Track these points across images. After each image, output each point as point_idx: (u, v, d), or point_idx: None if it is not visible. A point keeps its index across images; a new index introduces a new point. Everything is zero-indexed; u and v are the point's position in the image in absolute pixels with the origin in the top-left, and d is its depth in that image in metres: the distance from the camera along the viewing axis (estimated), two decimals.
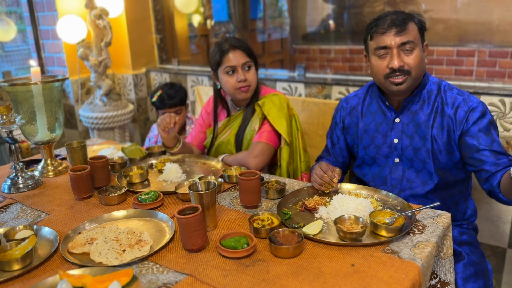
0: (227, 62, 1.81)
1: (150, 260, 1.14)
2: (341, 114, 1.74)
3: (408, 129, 1.56)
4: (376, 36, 1.49)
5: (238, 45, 1.81)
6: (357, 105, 1.70)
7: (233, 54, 1.80)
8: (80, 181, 1.53)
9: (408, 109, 1.57)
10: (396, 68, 1.45)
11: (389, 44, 1.45)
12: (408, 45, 1.45)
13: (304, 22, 4.93)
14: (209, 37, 4.39)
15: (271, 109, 1.82)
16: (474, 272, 1.42)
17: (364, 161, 1.68)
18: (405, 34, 1.44)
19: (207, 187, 1.33)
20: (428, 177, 1.55)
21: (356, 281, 1.00)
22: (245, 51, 1.82)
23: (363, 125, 1.66)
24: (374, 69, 1.53)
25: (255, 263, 1.09)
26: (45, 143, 1.82)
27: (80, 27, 2.83)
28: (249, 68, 1.84)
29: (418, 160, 1.55)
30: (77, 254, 1.18)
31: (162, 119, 1.78)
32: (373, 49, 1.51)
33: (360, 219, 1.21)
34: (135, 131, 3.53)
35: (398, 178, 1.60)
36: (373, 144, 1.63)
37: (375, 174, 1.66)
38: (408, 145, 1.56)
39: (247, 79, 1.82)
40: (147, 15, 3.43)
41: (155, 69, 3.46)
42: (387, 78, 1.49)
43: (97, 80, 2.95)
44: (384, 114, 1.62)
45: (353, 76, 2.49)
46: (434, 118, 1.53)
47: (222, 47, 1.82)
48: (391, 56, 1.46)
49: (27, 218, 1.43)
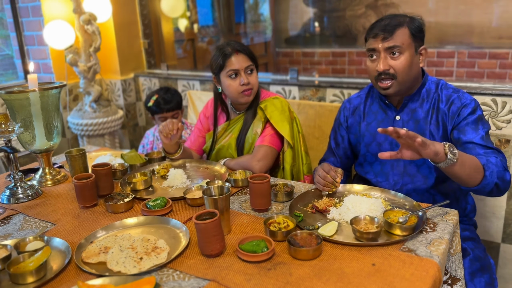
0: (230, 66, 1.81)
1: (169, 267, 1.13)
2: (345, 114, 1.78)
3: (408, 126, 1.62)
4: (368, 39, 1.57)
5: (240, 48, 1.82)
6: (359, 105, 1.75)
7: (236, 58, 1.81)
8: (85, 190, 1.50)
9: (408, 107, 1.62)
10: (381, 71, 1.52)
11: (377, 47, 1.53)
12: (394, 49, 1.51)
13: (286, 26, 4.97)
14: (195, 41, 4.38)
15: (273, 112, 1.84)
16: (480, 267, 1.46)
17: (366, 158, 1.71)
18: (392, 39, 1.50)
19: (220, 192, 1.33)
20: (428, 171, 1.60)
21: (380, 280, 1.02)
22: (247, 55, 1.83)
23: (366, 123, 1.71)
24: (367, 71, 1.61)
25: (276, 266, 1.10)
26: (43, 152, 1.78)
27: (68, 32, 2.78)
28: (252, 72, 1.85)
29: None
30: (92, 263, 1.16)
31: (164, 126, 1.76)
32: (366, 50, 1.59)
33: (375, 219, 1.23)
34: (124, 137, 3.48)
35: (400, 174, 1.64)
36: (375, 141, 1.68)
37: (377, 172, 1.69)
38: None
39: (250, 83, 1.83)
40: (134, 19, 3.39)
41: (143, 74, 3.43)
42: (377, 81, 1.57)
43: (86, 86, 2.90)
44: (385, 113, 1.67)
45: (347, 78, 2.53)
46: (431, 114, 1.59)
47: (224, 50, 1.82)
48: (378, 59, 1.54)
49: (32, 229, 1.39)
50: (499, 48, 3.85)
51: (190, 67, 4.37)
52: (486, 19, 3.79)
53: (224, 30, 4.77)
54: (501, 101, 1.98)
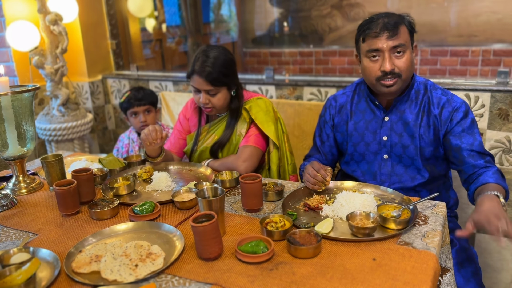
0: (192, 82, 1.78)
1: (166, 273, 1.09)
2: (331, 112, 1.78)
3: (397, 127, 1.62)
4: (368, 39, 1.52)
5: (201, 72, 1.74)
6: (345, 103, 1.74)
7: (197, 79, 1.75)
8: (67, 197, 1.43)
9: (397, 108, 1.62)
10: (388, 71, 1.50)
11: (381, 47, 1.49)
12: (399, 48, 1.49)
13: (253, 26, 4.97)
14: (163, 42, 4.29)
15: (258, 113, 1.82)
16: (466, 257, 1.50)
17: (353, 157, 1.72)
18: (397, 38, 1.49)
19: (214, 193, 1.30)
20: (416, 172, 1.63)
21: (383, 275, 1.03)
22: (208, 81, 1.74)
23: (353, 123, 1.70)
24: (366, 71, 1.57)
25: (278, 266, 1.08)
26: (17, 159, 1.68)
27: (32, 33, 2.65)
28: (214, 94, 1.78)
29: (406, 157, 1.62)
30: (85, 273, 1.10)
31: (147, 135, 1.69)
32: (365, 51, 1.54)
33: (370, 214, 1.24)
34: (93, 142, 3.36)
35: (387, 174, 1.66)
36: (362, 141, 1.68)
37: (364, 171, 1.71)
38: (397, 142, 1.62)
39: (210, 102, 1.79)
40: (101, 20, 3.28)
41: (111, 75, 3.33)
42: (378, 81, 1.54)
43: (53, 89, 2.78)
44: (374, 113, 1.67)
45: (323, 77, 2.55)
46: (422, 117, 1.60)
47: (194, 64, 1.75)
48: (383, 59, 1.50)
49: (13, 241, 1.31)
50: (460, 46, 4.01)
51: (158, 67, 4.28)
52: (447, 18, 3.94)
53: (192, 30, 4.71)
54: (474, 96, 2.05)
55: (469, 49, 3.99)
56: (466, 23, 3.89)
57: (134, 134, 2.59)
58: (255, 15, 4.93)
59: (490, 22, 3.81)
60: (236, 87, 1.85)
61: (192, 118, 1.99)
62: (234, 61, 1.82)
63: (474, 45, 3.95)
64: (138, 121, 2.49)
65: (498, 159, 2.07)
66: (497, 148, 2.06)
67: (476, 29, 3.90)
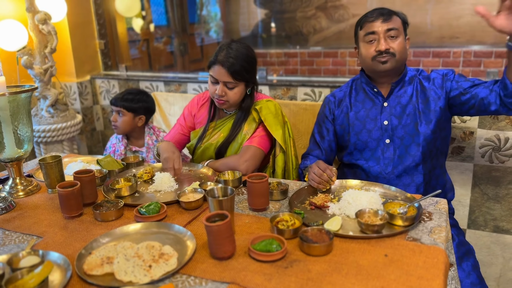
0: (212, 72, 1.78)
1: (181, 273, 1.09)
2: (330, 107, 1.84)
3: (395, 111, 1.72)
4: (365, 24, 1.68)
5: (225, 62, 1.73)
6: (344, 97, 1.83)
7: (219, 69, 1.75)
8: (71, 199, 1.41)
9: (394, 94, 1.73)
10: (383, 50, 1.62)
11: (377, 30, 1.64)
12: (393, 31, 1.63)
13: (237, 27, 4.98)
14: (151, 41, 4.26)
15: (268, 115, 1.83)
16: (465, 251, 1.55)
17: (356, 147, 1.77)
18: (391, 22, 1.64)
19: (224, 193, 1.31)
20: (415, 149, 1.69)
21: (397, 270, 1.05)
22: (230, 72, 1.74)
23: (353, 113, 1.78)
24: (363, 54, 1.69)
25: (293, 264, 1.10)
26: (14, 161, 1.65)
27: (20, 32, 2.59)
28: (232, 88, 1.78)
29: (407, 136, 1.70)
30: (98, 275, 1.09)
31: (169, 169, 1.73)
32: (363, 36, 1.68)
33: (378, 211, 1.27)
34: (81, 143, 3.31)
35: (390, 157, 1.72)
36: (364, 129, 1.74)
37: (367, 157, 1.76)
38: (398, 124, 1.71)
39: (225, 95, 1.79)
40: (89, 19, 3.24)
41: (100, 76, 3.28)
42: (374, 59, 1.66)
43: (42, 90, 2.72)
44: (373, 101, 1.76)
45: (316, 77, 2.58)
46: (417, 95, 1.71)
47: (217, 54, 1.76)
48: (378, 41, 1.64)
49: (17, 244, 1.29)
50: (442, 47, 4.11)
51: (145, 67, 4.25)
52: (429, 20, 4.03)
53: (178, 30, 4.69)
54: None
55: (451, 50, 4.10)
56: (447, 25, 4.00)
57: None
58: (239, 16, 4.94)
59: (471, 24, 3.92)
60: (252, 86, 1.86)
61: (199, 114, 1.99)
62: (256, 60, 1.84)
63: (456, 47, 4.05)
64: (111, 119, 2.49)
65: (488, 157, 2.14)
66: (487, 147, 2.13)
67: (458, 30, 4.00)
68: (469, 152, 2.17)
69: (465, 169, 2.20)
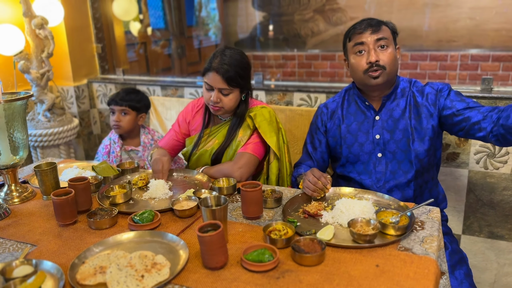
0: (207, 79, 1.79)
1: (174, 283, 1.10)
2: (322, 118, 1.83)
3: (387, 125, 1.70)
4: (354, 36, 1.66)
5: (219, 69, 1.74)
6: (336, 108, 1.82)
7: (214, 76, 1.76)
8: (65, 206, 1.42)
9: (386, 107, 1.71)
10: (373, 62, 1.60)
11: (366, 40, 1.62)
12: (382, 41, 1.62)
13: (236, 29, 4.99)
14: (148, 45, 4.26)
15: (262, 122, 1.83)
16: (458, 260, 1.56)
17: (348, 159, 1.77)
18: (380, 32, 1.63)
19: (217, 202, 1.31)
20: (409, 166, 1.68)
21: (388, 281, 1.06)
22: (224, 79, 1.75)
23: (345, 126, 1.77)
24: (353, 67, 1.67)
25: (284, 274, 1.10)
26: (9, 168, 1.65)
27: (17, 37, 2.59)
28: (227, 94, 1.79)
29: (400, 151, 1.69)
30: (91, 285, 1.10)
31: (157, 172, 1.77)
32: (351, 47, 1.67)
33: (371, 221, 1.28)
34: (78, 147, 3.31)
35: (382, 171, 1.71)
36: (356, 142, 1.74)
37: (360, 171, 1.76)
38: (389, 139, 1.70)
39: (220, 102, 1.80)
40: (86, 23, 3.24)
41: (97, 80, 3.29)
42: (366, 73, 1.64)
43: (39, 94, 2.73)
44: (364, 114, 1.74)
45: (312, 83, 2.58)
46: (410, 110, 1.69)
47: (211, 61, 1.77)
48: (368, 52, 1.62)
49: (11, 252, 1.29)
50: (439, 51, 4.12)
51: (143, 71, 4.25)
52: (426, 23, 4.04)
53: (176, 33, 4.69)
54: None
55: (448, 53, 4.11)
56: (445, 28, 4.01)
57: (116, 135, 2.56)
58: (238, 18, 4.95)
59: (468, 28, 3.93)
60: (247, 92, 1.87)
61: (193, 121, 2.00)
62: (250, 66, 1.85)
63: (453, 50, 4.06)
64: (113, 119, 2.51)
65: (483, 163, 2.15)
66: (482, 153, 2.14)
67: (455, 34, 4.01)
68: (464, 158, 2.18)
69: (460, 175, 2.21)
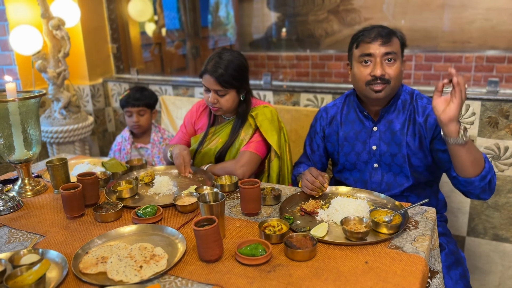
0: (204, 81, 1.85)
1: (170, 274, 1.15)
2: (321, 123, 1.84)
3: (385, 136, 1.69)
4: (362, 44, 1.60)
5: (213, 72, 1.80)
6: (336, 114, 1.81)
7: (209, 78, 1.82)
8: (73, 200, 1.49)
9: (385, 118, 1.69)
10: (378, 76, 1.56)
11: (374, 52, 1.56)
12: (391, 55, 1.57)
13: (250, 30, 5.04)
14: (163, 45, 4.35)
15: (264, 121, 1.88)
16: (454, 260, 1.57)
17: (345, 166, 1.79)
18: (390, 45, 1.56)
19: (215, 198, 1.36)
20: (405, 180, 1.69)
21: (375, 277, 1.09)
22: (218, 81, 1.80)
23: (343, 133, 1.77)
24: (356, 76, 1.63)
25: (276, 268, 1.15)
26: (23, 162, 1.74)
27: (35, 37, 2.70)
28: (223, 95, 1.84)
29: (395, 165, 1.69)
30: (92, 274, 1.16)
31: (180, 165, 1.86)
32: (358, 56, 1.61)
33: (363, 219, 1.31)
34: (93, 144, 3.41)
35: (378, 182, 1.72)
36: (353, 151, 1.75)
37: (356, 178, 1.77)
38: (386, 151, 1.69)
39: (218, 102, 1.85)
40: (102, 24, 3.34)
41: (112, 79, 3.38)
42: (368, 85, 1.60)
43: (55, 92, 2.83)
44: (362, 123, 1.73)
45: (319, 83, 2.62)
46: (408, 125, 1.66)
47: (207, 64, 1.83)
48: (374, 64, 1.57)
49: (21, 242, 1.37)
50: (453, 52, 4.08)
51: (157, 71, 4.35)
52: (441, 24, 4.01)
53: (191, 33, 4.77)
54: (465, 104, 2.13)
55: (463, 55, 4.07)
56: (460, 29, 3.97)
57: (127, 133, 2.67)
58: (253, 19, 5.00)
59: (484, 29, 3.89)
60: (246, 92, 1.91)
61: (199, 121, 2.06)
62: (246, 67, 1.88)
63: (468, 51, 4.02)
64: (131, 121, 2.61)
65: None
66: (487, 155, 2.13)
67: (470, 35, 3.97)
68: None
69: None
